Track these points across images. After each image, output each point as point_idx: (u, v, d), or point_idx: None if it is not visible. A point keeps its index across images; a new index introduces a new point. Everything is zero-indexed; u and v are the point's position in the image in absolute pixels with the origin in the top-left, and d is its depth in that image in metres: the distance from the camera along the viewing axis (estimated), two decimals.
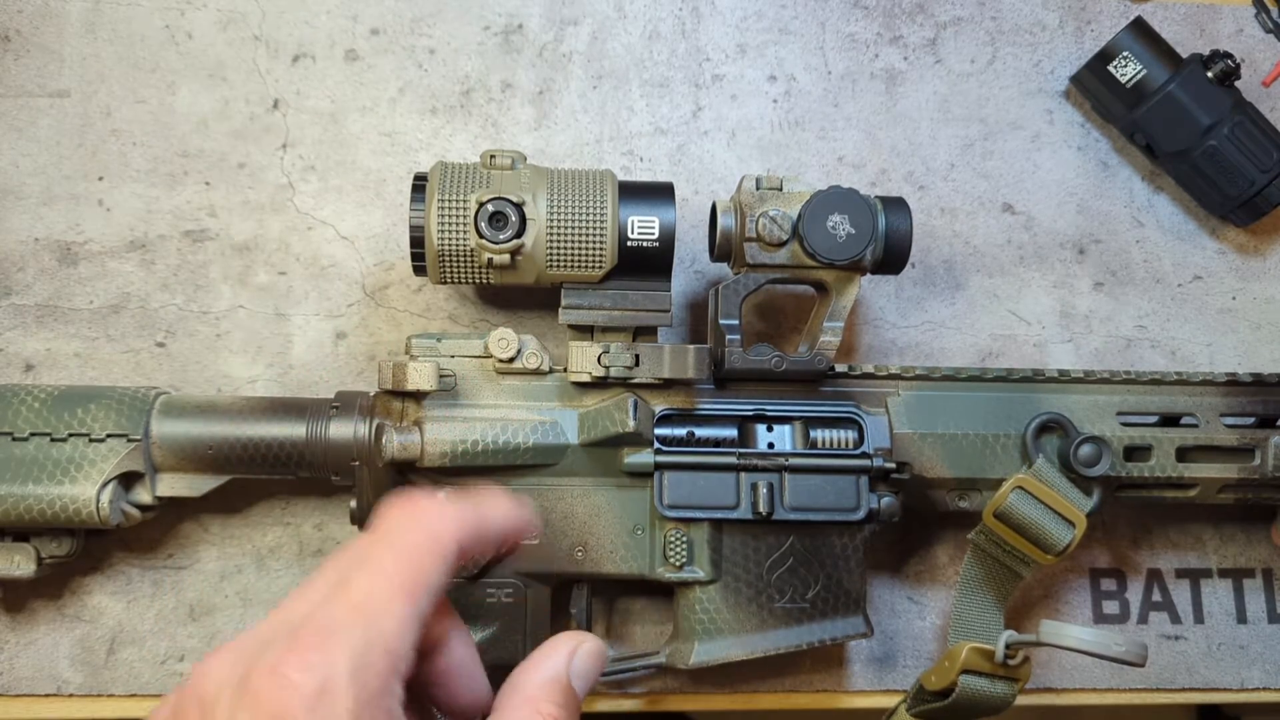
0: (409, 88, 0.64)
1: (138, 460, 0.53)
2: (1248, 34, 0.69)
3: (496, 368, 0.55)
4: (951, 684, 0.53)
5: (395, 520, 0.36)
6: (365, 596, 0.34)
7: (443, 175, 0.53)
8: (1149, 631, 0.64)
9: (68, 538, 0.54)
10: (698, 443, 0.56)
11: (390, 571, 0.35)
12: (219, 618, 0.59)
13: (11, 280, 0.61)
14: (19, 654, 0.58)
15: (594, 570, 0.55)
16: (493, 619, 0.55)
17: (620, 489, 0.55)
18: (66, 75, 0.62)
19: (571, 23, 0.65)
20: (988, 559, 0.58)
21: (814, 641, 0.55)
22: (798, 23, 0.67)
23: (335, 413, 0.54)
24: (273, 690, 0.32)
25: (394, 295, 0.62)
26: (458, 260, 0.53)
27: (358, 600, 0.34)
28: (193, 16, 0.63)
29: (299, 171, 0.63)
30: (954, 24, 0.67)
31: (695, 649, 0.55)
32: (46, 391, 0.54)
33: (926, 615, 0.63)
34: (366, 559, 0.35)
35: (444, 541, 0.36)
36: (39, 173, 0.62)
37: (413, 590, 0.35)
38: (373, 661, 0.33)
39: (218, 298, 0.61)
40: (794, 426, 0.57)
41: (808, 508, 0.55)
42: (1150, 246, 0.67)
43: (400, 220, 0.62)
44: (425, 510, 0.37)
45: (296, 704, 0.31)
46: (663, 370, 0.55)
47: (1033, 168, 0.67)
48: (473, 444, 0.53)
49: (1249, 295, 0.67)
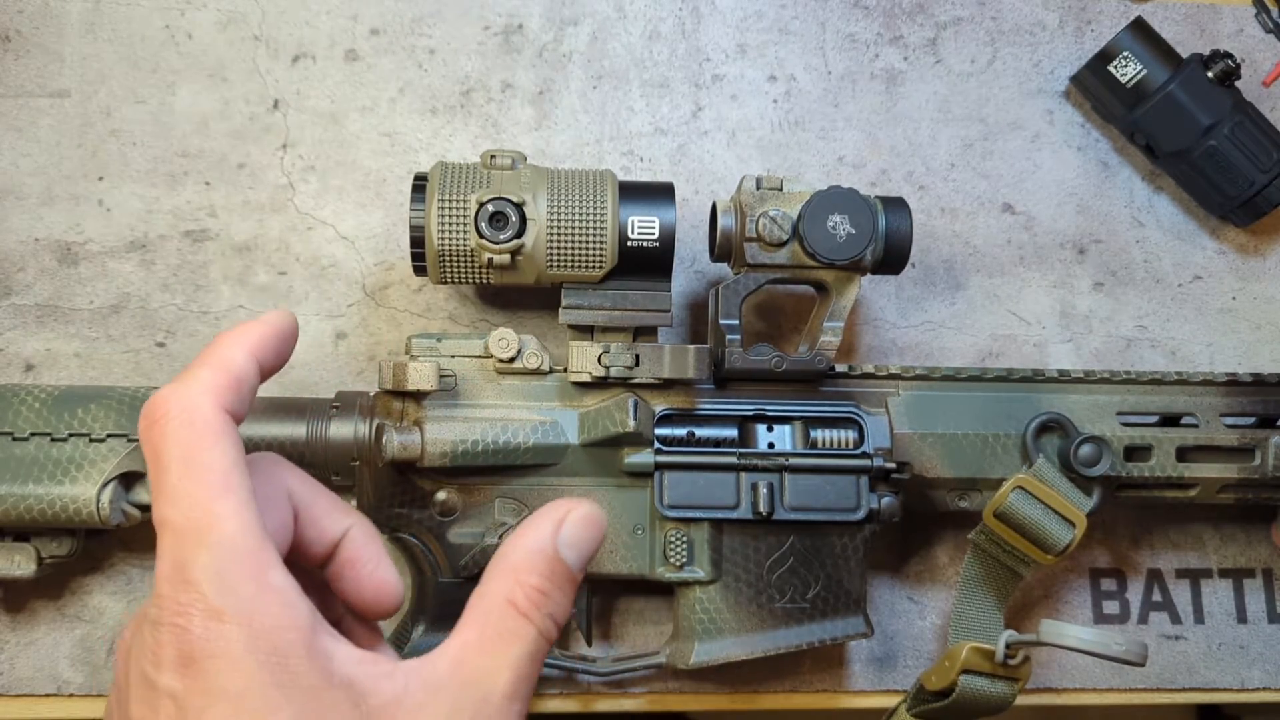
0: (409, 88, 0.64)
1: (138, 460, 0.53)
2: (1248, 34, 0.69)
3: (497, 368, 0.55)
4: (951, 684, 0.53)
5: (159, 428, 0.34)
6: (186, 518, 0.32)
7: (443, 175, 0.53)
8: (1149, 631, 0.64)
9: (68, 538, 0.54)
10: (698, 443, 0.56)
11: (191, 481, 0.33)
12: None
13: (11, 280, 0.61)
14: (19, 654, 0.58)
15: (594, 570, 0.55)
16: None
17: (620, 489, 0.55)
18: (66, 75, 0.62)
19: (571, 23, 0.65)
20: (988, 559, 0.58)
21: (814, 641, 0.55)
22: (798, 23, 0.67)
23: (335, 413, 0.54)
24: (170, 638, 0.31)
25: (394, 295, 0.62)
26: (458, 260, 0.53)
27: (182, 527, 0.32)
28: (193, 16, 0.63)
29: (299, 171, 0.63)
30: (954, 24, 0.67)
31: (695, 649, 0.55)
32: (47, 391, 0.54)
33: (926, 615, 0.63)
34: (159, 485, 0.33)
35: (211, 415, 0.34)
36: (39, 173, 0.62)
37: (223, 481, 0.33)
38: (234, 563, 0.32)
39: (218, 298, 0.61)
40: (794, 426, 0.57)
41: (808, 508, 0.55)
42: (1150, 246, 0.67)
43: (400, 220, 0.62)
44: (171, 399, 0.34)
45: (192, 637, 0.31)
46: (663, 370, 0.55)
47: (1033, 168, 0.67)
48: (473, 444, 0.53)
49: (1249, 295, 0.67)
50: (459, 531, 0.55)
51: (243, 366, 0.36)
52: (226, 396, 0.35)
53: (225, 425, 0.34)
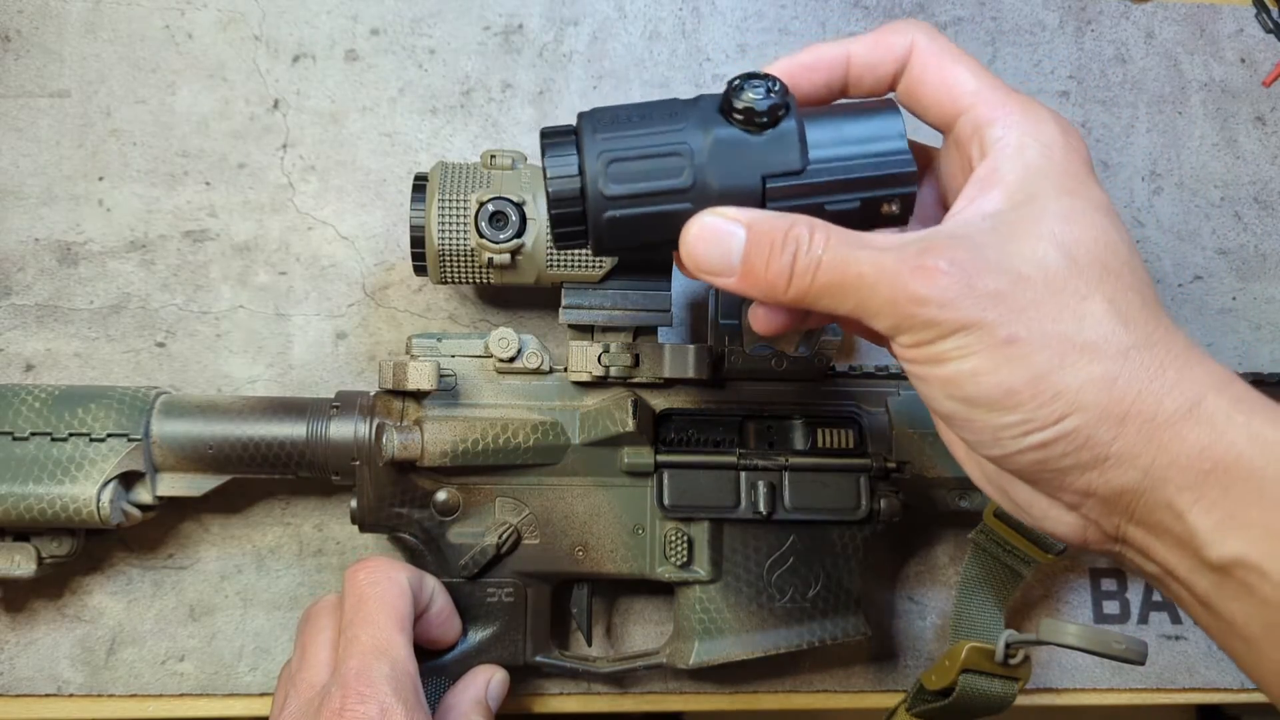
0: (409, 88, 0.64)
1: (138, 460, 0.53)
2: (1248, 34, 0.69)
3: (497, 367, 0.55)
4: (952, 683, 0.53)
5: (366, 578, 0.49)
6: (375, 641, 0.46)
7: (443, 175, 0.53)
8: (1149, 631, 0.64)
9: (68, 537, 0.54)
10: (698, 442, 0.56)
11: (382, 619, 0.47)
12: (219, 618, 0.59)
13: (11, 280, 0.61)
14: (19, 654, 0.58)
15: (594, 570, 0.55)
16: (494, 618, 0.55)
17: (620, 488, 0.55)
18: (66, 75, 0.62)
19: (572, 23, 0.65)
20: (988, 558, 0.58)
21: (814, 641, 0.55)
22: (798, 23, 0.67)
23: (335, 412, 0.54)
24: None
25: (394, 295, 0.62)
26: (458, 260, 0.53)
27: (371, 646, 0.46)
28: (193, 16, 0.63)
29: (299, 171, 0.63)
30: (954, 24, 0.67)
31: (695, 649, 0.55)
32: (47, 391, 0.54)
33: (926, 615, 0.63)
34: (359, 615, 0.47)
35: (404, 584, 0.49)
36: (39, 173, 0.62)
37: (401, 624, 0.47)
38: (402, 680, 0.45)
39: (218, 298, 0.61)
40: (794, 426, 0.57)
41: (808, 508, 0.55)
42: (1150, 246, 0.67)
43: (400, 220, 0.62)
44: (382, 565, 0.50)
45: None
46: (663, 370, 0.55)
47: None
48: (473, 443, 0.53)
49: (1249, 295, 0.67)
50: (459, 531, 0.55)
51: None
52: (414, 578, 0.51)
53: (410, 590, 0.50)
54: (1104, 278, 0.35)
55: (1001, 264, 0.35)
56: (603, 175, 0.38)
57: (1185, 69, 0.68)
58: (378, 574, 0.49)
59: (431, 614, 0.52)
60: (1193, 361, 0.35)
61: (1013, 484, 0.39)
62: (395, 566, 0.50)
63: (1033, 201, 0.36)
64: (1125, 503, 0.35)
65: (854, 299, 0.36)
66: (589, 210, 0.39)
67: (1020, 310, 0.34)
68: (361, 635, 0.46)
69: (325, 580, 0.60)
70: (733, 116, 0.38)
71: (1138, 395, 0.34)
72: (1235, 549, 0.33)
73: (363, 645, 0.46)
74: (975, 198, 0.37)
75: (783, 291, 0.37)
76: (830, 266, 0.36)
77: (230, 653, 0.59)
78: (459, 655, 0.55)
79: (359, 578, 0.49)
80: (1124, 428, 0.34)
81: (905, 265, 0.35)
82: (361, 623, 0.47)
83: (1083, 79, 0.68)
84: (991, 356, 0.34)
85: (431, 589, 0.52)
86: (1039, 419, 0.34)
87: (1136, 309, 0.35)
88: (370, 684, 0.44)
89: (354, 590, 0.48)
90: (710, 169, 0.38)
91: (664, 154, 0.38)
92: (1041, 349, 0.34)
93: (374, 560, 0.50)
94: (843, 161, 0.39)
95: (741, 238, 0.37)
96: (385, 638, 0.46)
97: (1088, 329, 0.34)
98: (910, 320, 0.35)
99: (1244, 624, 0.34)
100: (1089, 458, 0.34)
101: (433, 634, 0.53)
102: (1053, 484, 0.36)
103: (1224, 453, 0.33)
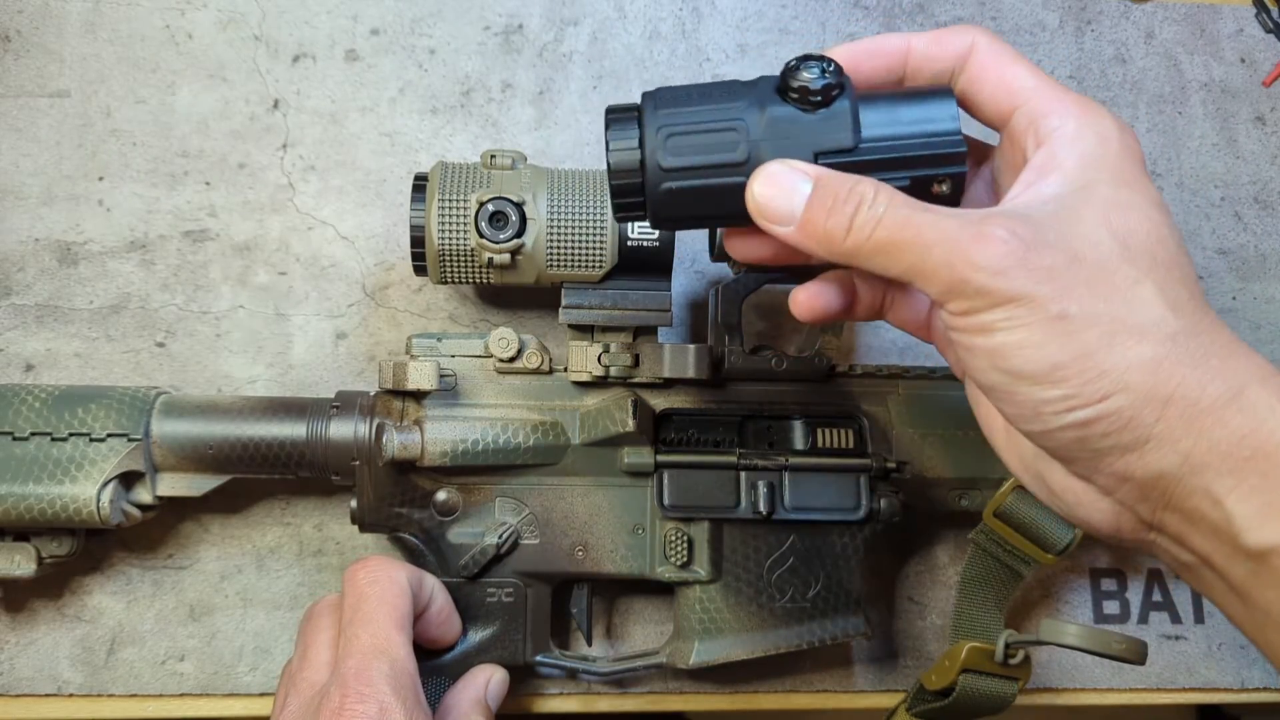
0: (409, 88, 0.64)
1: (138, 460, 0.53)
2: (1248, 34, 0.69)
3: (497, 367, 0.55)
4: (952, 683, 0.53)
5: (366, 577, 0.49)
6: (374, 640, 0.46)
7: (443, 175, 0.53)
8: (1149, 631, 0.64)
9: (68, 537, 0.54)
10: (698, 442, 0.56)
11: (381, 618, 0.47)
12: (219, 618, 0.59)
13: (11, 280, 0.61)
14: (19, 654, 0.58)
15: (594, 570, 0.55)
16: (493, 618, 0.55)
17: (620, 488, 0.55)
18: (66, 75, 0.62)
19: (572, 23, 0.65)
20: (988, 559, 0.58)
21: (814, 641, 0.55)
22: (798, 23, 0.67)
23: (335, 412, 0.54)
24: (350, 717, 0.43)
25: (394, 295, 0.62)
26: (458, 260, 0.53)
27: (370, 645, 0.46)
28: (193, 16, 0.63)
29: (299, 171, 0.63)
30: (954, 24, 0.67)
31: (695, 649, 0.55)
32: (47, 391, 0.54)
33: (926, 615, 0.63)
34: (359, 614, 0.47)
35: (403, 583, 0.49)
36: (39, 173, 0.62)
37: (400, 623, 0.48)
38: (401, 679, 0.45)
39: (218, 298, 0.61)
40: (794, 426, 0.57)
41: (808, 507, 0.55)
42: None
43: (400, 220, 0.62)
44: (381, 564, 0.50)
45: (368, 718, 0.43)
46: (663, 370, 0.55)
47: None
48: (473, 443, 0.53)
49: (1249, 295, 0.67)
50: (459, 531, 0.55)
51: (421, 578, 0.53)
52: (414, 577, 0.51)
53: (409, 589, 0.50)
54: (1154, 267, 0.36)
55: (1058, 242, 0.36)
56: (661, 148, 0.39)
57: (1185, 69, 0.68)
58: (377, 573, 0.49)
59: (431, 613, 0.52)
60: (1237, 353, 0.35)
61: (1049, 468, 0.39)
62: (395, 566, 0.50)
63: (1089, 188, 0.37)
64: (1163, 487, 0.35)
65: (909, 259, 0.36)
66: (647, 182, 0.40)
67: (1072, 288, 0.35)
68: (361, 634, 0.46)
69: (325, 580, 0.60)
70: (789, 95, 0.39)
71: (1182, 380, 0.34)
72: (1273, 536, 0.33)
73: (362, 644, 0.46)
74: (1033, 183, 0.38)
75: (840, 241, 0.37)
76: (891, 223, 0.36)
77: (230, 653, 0.59)
78: (459, 655, 0.55)
79: (358, 577, 0.49)
80: (1167, 410, 0.34)
81: (965, 231, 0.35)
82: (361, 622, 0.47)
83: (1083, 79, 0.68)
84: (1041, 330, 0.35)
85: (431, 588, 0.52)
86: (1084, 396, 0.35)
87: (1185, 300, 0.36)
88: (369, 683, 0.44)
89: (353, 590, 0.49)
90: (765, 145, 0.39)
91: (720, 129, 0.39)
92: (1091, 327, 0.35)
93: (373, 560, 0.50)
94: (894, 140, 0.40)
95: (807, 190, 0.38)
96: (385, 637, 0.46)
97: (1137, 312, 0.35)
98: (964, 286, 0.35)
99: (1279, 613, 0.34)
100: (1130, 439, 0.35)
101: (432, 633, 0.53)
102: (1091, 465, 0.36)
103: (1264, 441, 0.33)
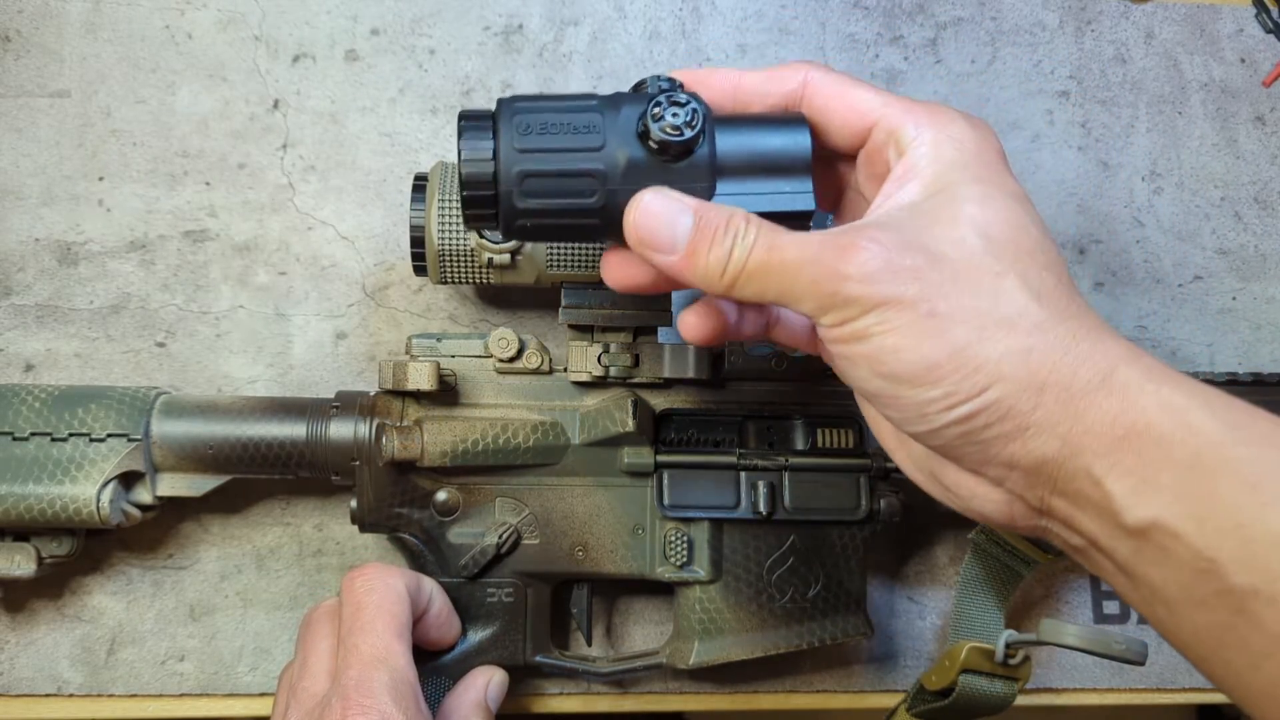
0: (409, 88, 0.64)
1: (138, 460, 0.53)
2: (1248, 34, 0.69)
3: (497, 367, 0.55)
4: (952, 683, 0.53)
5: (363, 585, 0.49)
6: (374, 649, 0.46)
7: (443, 175, 0.53)
8: (1149, 631, 0.63)
9: (68, 537, 0.54)
10: (698, 442, 0.56)
11: (380, 627, 0.47)
12: (219, 618, 0.59)
13: (11, 280, 0.61)
14: (19, 654, 0.58)
15: (594, 570, 0.55)
16: (493, 618, 0.55)
17: (620, 489, 0.55)
18: (66, 75, 0.62)
19: (572, 23, 0.65)
20: (988, 558, 0.58)
21: (814, 641, 0.55)
22: (798, 23, 0.67)
23: (335, 413, 0.54)
24: None
25: (394, 295, 0.62)
26: (458, 260, 0.53)
27: (370, 655, 0.46)
28: (193, 16, 0.63)
29: (299, 171, 0.63)
30: (954, 24, 0.67)
31: (695, 649, 0.55)
32: (47, 391, 0.54)
33: (926, 615, 0.63)
34: (357, 624, 0.47)
35: (400, 590, 0.49)
36: (39, 173, 0.62)
37: (399, 630, 0.48)
38: (402, 688, 0.45)
39: (218, 298, 0.61)
40: (794, 426, 0.57)
41: (808, 507, 0.55)
42: (1150, 246, 0.67)
43: (400, 220, 0.62)
44: (378, 572, 0.50)
45: None
46: (663, 370, 0.55)
47: (1033, 168, 0.67)
48: (473, 443, 0.53)
49: (1249, 295, 0.67)
50: (459, 531, 0.55)
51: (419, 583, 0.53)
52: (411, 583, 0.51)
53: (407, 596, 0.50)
54: (1018, 257, 0.37)
55: (921, 244, 0.37)
56: (517, 190, 0.39)
57: (1185, 69, 0.68)
58: (374, 581, 0.49)
59: (430, 616, 0.52)
60: (1104, 336, 0.36)
61: (941, 467, 0.40)
62: (391, 572, 0.50)
63: (948, 190, 0.38)
64: (1047, 473, 0.36)
65: (779, 283, 0.37)
66: (500, 210, 0.40)
67: (939, 286, 0.36)
68: (360, 644, 0.46)
69: (325, 580, 0.60)
70: (649, 143, 0.39)
71: (1054, 366, 0.35)
72: (1150, 512, 0.34)
73: (362, 654, 0.46)
74: (893, 193, 0.40)
75: (718, 278, 0.38)
76: (760, 251, 0.37)
77: (230, 653, 0.59)
78: (459, 656, 0.55)
79: (355, 585, 0.49)
80: (1043, 397, 0.35)
81: (830, 247, 0.37)
82: (360, 631, 0.47)
83: (1083, 79, 0.68)
84: (913, 331, 0.36)
85: (429, 591, 0.52)
86: (962, 391, 0.35)
87: (1050, 287, 0.37)
88: (370, 694, 0.44)
89: (351, 599, 0.49)
90: (622, 193, 0.40)
91: (578, 174, 0.39)
92: (961, 323, 0.35)
93: (370, 568, 0.50)
94: (748, 196, 0.41)
95: (689, 222, 0.39)
96: (384, 646, 0.46)
97: (1003, 304, 0.36)
98: (834, 298, 0.36)
99: (1162, 587, 0.35)
100: (1011, 427, 0.36)
101: (432, 636, 0.53)
102: (978, 458, 0.37)
103: (1136, 419, 0.34)
